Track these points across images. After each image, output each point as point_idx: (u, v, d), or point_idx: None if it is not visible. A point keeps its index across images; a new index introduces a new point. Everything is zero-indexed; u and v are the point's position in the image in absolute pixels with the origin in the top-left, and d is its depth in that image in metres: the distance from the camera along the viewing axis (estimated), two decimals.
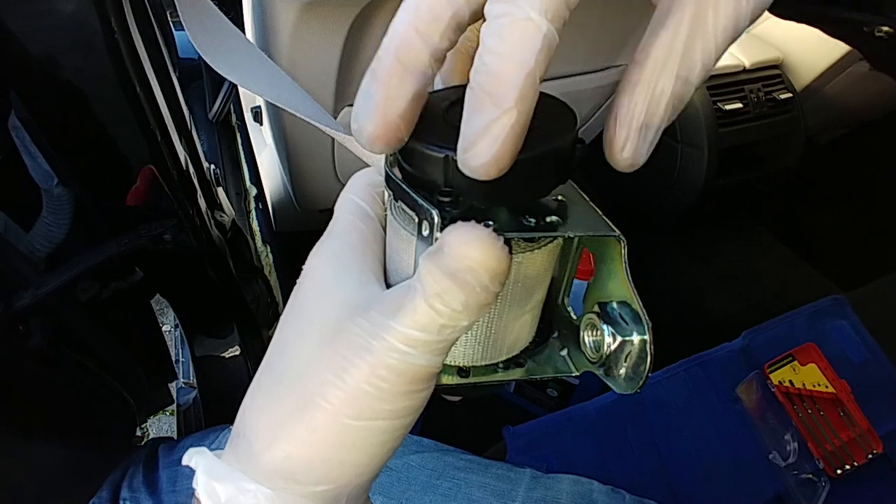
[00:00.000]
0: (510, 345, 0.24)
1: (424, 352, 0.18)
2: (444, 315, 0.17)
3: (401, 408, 0.18)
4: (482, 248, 0.17)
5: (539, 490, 0.49)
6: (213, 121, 1.30)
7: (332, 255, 0.21)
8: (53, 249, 0.57)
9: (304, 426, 0.18)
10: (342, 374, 0.18)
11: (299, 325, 0.19)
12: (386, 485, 0.48)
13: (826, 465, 0.69)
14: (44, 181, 0.53)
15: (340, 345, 0.18)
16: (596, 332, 0.23)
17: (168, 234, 0.58)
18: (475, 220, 0.18)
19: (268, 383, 0.19)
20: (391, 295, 0.18)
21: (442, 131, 0.19)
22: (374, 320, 0.18)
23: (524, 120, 0.16)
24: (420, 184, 0.19)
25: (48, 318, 0.54)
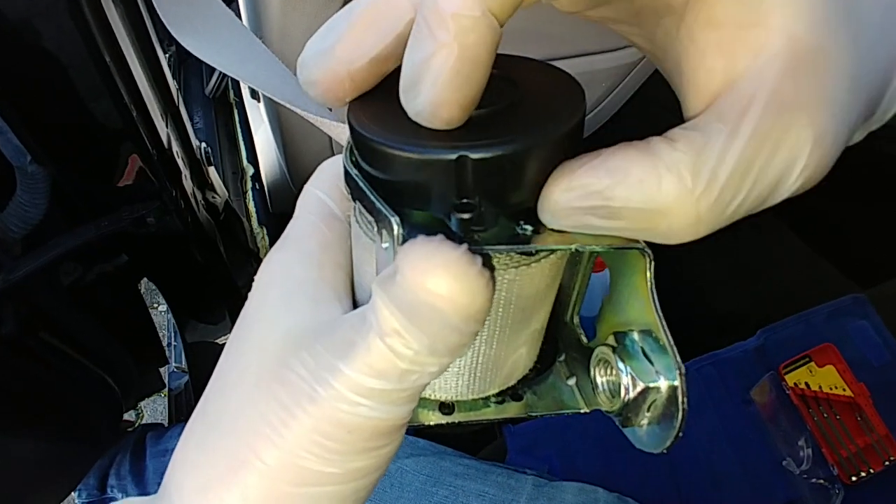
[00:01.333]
0: (505, 375, 0.20)
1: (382, 403, 0.14)
2: (405, 359, 0.13)
3: (354, 469, 0.14)
4: (448, 280, 0.12)
5: (541, 500, 0.46)
6: (209, 97, 1.25)
7: (283, 267, 0.17)
8: (30, 231, 0.54)
9: (234, 493, 0.14)
10: (280, 427, 0.14)
11: (238, 358, 0.16)
12: (378, 491, 0.45)
13: (841, 472, 0.67)
14: (15, 158, 0.50)
15: (280, 389, 0.14)
16: (610, 372, 0.18)
17: (151, 217, 0.55)
18: (445, 233, 0.14)
19: (200, 431, 0.16)
20: (344, 326, 0.14)
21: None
22: (320, 359, 0.14)
23: (470, 60, 0.13)
24: (410, 199, 0.15)
25: (23, 303, 0.51)
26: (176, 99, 0.61)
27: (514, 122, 0.15)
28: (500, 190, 0.14)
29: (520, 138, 0.14)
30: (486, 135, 0.14)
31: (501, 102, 0.15)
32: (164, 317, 1.10)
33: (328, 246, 0.17)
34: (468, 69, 0.13)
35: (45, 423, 0.55)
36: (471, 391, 0.20)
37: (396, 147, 0.14)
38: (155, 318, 1.22)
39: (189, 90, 1.27)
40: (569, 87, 0.16)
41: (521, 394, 0.20)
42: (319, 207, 0.18)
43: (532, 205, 0.15)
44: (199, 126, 1.18)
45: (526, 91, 0.16)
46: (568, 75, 0.17)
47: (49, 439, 0.56)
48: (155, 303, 1.27)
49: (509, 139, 0.14)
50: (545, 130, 0.14)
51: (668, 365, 0.16)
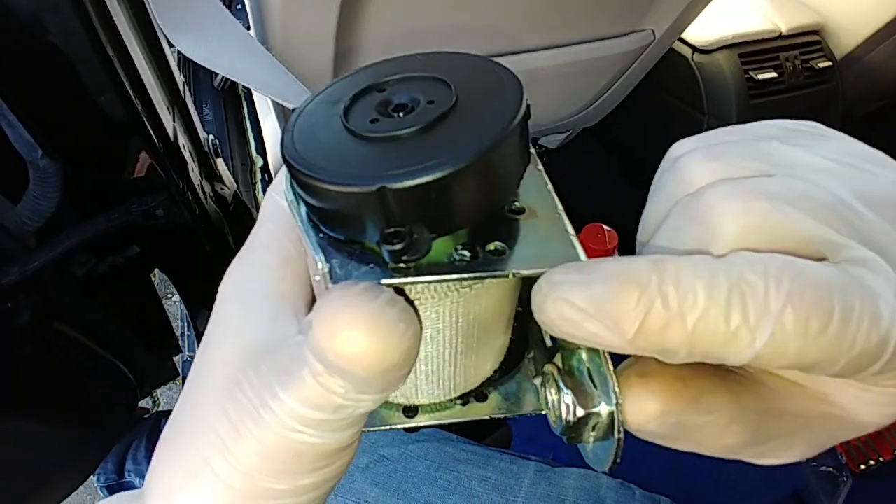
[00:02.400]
0: (468, 381, 0.20)
1: (323, 430, 0.14)
2: (338, 395, 0.14)
3: (304, 485, 0.15)
4: (356, 339, 0.12)
5: (543, 485, 0.46)
6: (218, 89, 1.26)
7: (242, 279, 0.17)
8: (43, 224, 0.56)
9: (195, 499, 0.15)
10: (230, 444, 0.14)
11: (199, 371, 0.16)
12: (382, 475, 0.46)
13: (849, 460, 0.66)
14: (27, 152, 0.51)
15: (230, 406, 0.15)
16: (555, 391, 0.17)
17: (160, 210, 0.56)
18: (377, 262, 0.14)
19: (170, 437, 0.16)
20: (287, 350, 0.14)
21: (353, 147, 0.15)
22: (264, 382, 0.14)
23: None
24: (342, 228, 0.15)
25: (38, 294, 0.52)
26: (182, 92, 0.62)
27: (445, 138, 0.14)
28: (431, 216, 0.14)
29: (443, 163, 0.13)
30: (411, 159, 0.14)
31: (431, 115, 0.15)
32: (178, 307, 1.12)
33: (288, 258, 0.17)
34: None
35: (63, 410, 0.57)
36: (433, 396, 0.20)
37: (319, 179, 0.14)
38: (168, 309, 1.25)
39: (198, 82, 1.27)
40: (507, 88, 0.16)
41: (486, 394, 0.20)
42: (280, 217, 0.17)
43: (470, 226, 0.15)
44: (208, 118, 1.19)
45: (462, 97, 0.15)
46: (509, 73, 0.16)
47: (66, 426, 0.57)
48: (169, 293, 1.29)
49: (432, 165, 0.13)
50: (472, 150, 0.14)
51: (608, 390, 0.16)
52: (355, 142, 0.15)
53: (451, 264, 0.15)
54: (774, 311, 0.12)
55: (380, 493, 0.45)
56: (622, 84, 0.90)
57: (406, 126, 0.15)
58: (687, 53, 1.03)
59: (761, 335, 0.13)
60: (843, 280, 0.13)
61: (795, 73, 1.07)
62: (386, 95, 0.16)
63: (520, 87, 0.16)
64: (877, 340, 0.13)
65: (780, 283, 0.13)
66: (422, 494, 0.45)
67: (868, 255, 0.13)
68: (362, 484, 0.45)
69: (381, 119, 0.16)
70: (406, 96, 0.16)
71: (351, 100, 0.16)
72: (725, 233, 0.14)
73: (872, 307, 0.13)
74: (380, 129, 0.15)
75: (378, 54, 0.61)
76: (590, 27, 0.75)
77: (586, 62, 0.79)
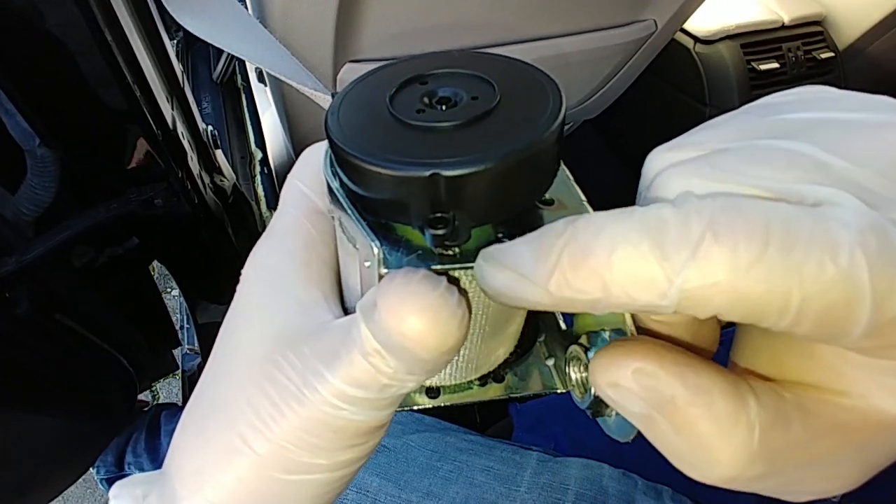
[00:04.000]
0: (487, 364, 0.21)
1: (364, 408, 0.15)
2: (385, 375, 0.14)
3: (340, 461, 0.16)
4: (421, 325, 0.13)
5: (546, 475, 0.46)
6: (217, 81, 1.25)
7: (268, 264, 0.17)
8: (42, 214, 0.55)
9: (229, 475, 0.15)
10: (269, 422, 0.15)
11: (228, 352, 0.16)
12: (384, 465, 0.46)
13: None
14: (25, 141, 0.50)
15: (269, 386, 0.15)
16: (581, 368, 0.19)
17: (159, 199, 0.55)
18: (434, 262, 0.14)
19: (198, 417, 0.17)
20: (330, 333, 0.15)
21: (402, 134, 0.15)
22: (308, 364, 0.15)
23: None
24: (387, 211, 0.15)
25: (36, 285, 0.52)
26: (181, 81, 0.61)
27: (490, 132, 0.15)
28: (475, 204, 0.15)
29: (494, 155, 0.14)
30: (460, 149, 0.15)
31: (478, 110, 0.16)
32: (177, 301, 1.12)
33: (312, 244, 0.17)
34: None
35: (62, 402, 0.57)
36: (456, 378, 0.21)
37: (371, 163, 0.15)
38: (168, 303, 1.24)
39: (197, 75, 1.27)
40: (547, 89, 0.16)
41: (502, 375, 0.21)
42: (303, 202, 0.18)
43: (511, 215, 0.16)
44: (207, 111, 1.19)
45: (503, 95, 0.16)
46: (546, 75, 0.17)
47: (66, 417, 0.57)
48: (168, 287, 1.29)
49: (483, 156, 0.14)
50: (521, 145, 0.15)
51: None
52: (403, 129, 0.16)
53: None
54: (693, 240, 0.11)
55: (381, 483, 0.45)
56: (624, 75, 0.89)
57: (454, 118, 0.16)
58: (689, 44, 1.03)
59: (681, 270, 0.11)
60: (789, 210, 0.11)
61: (798, 64, 1.06)
62: (430, 88, 0.17)
63: (558, 89, 0.16)
64: (833, 274, 0.10)
65: (702, 212, 0.11)
66: (423, 484, 0.45)
67: (831, 191, 0.11)
68: (363, 474, 0.45)
69: (427, 110, 0.16)
70: (450, 91, 0.17)
71: (395, 89, 0.17)
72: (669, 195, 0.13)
73: (824, 234, 0.11)
74: (427, 119, 0.16)
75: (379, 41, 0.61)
76: (591, 17, 0.75)
77: (587, 52, 0.79)
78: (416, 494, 0.44)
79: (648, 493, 0.48)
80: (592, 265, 0.12)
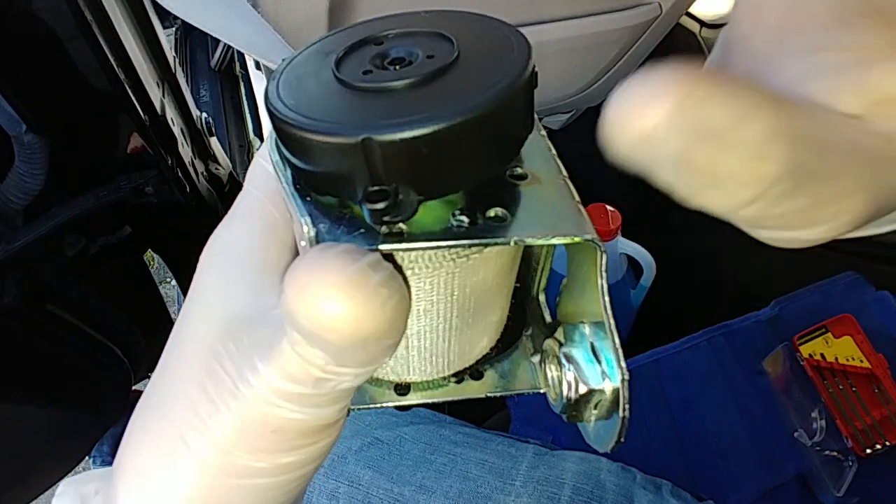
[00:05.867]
0: (462, 358, 0.19)
1: (303, 406, 0.13)
2: (317, 367, 0.12)
3: (283, 464, 0.14)
4: (329, 309, 0.11)
5: (542, 468, 0.45)
6: (215, 69, 1.24)
7: (224, 248, 0.16)
8: (30, 202, 0.54)
9: (171, 476, 0.14)
10: (206, 420, 0.14)
11: (177, 343, 0.15)
12: (376, 458, 0.45)
13: (855, 444, 0.65)
14: (11, 127, 0.50)
15: (208, 380, 0.14)
16: (555, 367, 0.17)
17: (149, 187, 0.54)
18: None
19: (144, 411, 0.16)
20: (268, 322, 0.14)
21: (342, 97, 0.14)
22: (245, 355, 0.13)
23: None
24: (325, 184, 0.14)
25: (26, 273, 0.51)
26: (173, 67, 0.60)
27: (442, 93, 0.13)
28: (420, 175, 0.13)
29: (437, 117, 0.12)
30: (402, 112, 0.13)
31: (429, 68, 0.14)
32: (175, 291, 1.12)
33: (274, 226, 0.16)
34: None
35: (56, 392, 0.56)
36: (425, 373, 0.19)
37: (302, 128, 0.13)
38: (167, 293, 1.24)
39: (195, 62, 1.25)
40: (515, 47, 0.14)
41: (481, 371, 0.19)
42: (266, 182, 0.16)
43: (464, 190, 0.14)
44: (205, 99, 1.17)
45: (464, 52, 0.14)
46: (518, 33, 0.15)
47: (60, 407, 0.57)
48: (167, 277, 1.29)
49: (425, 118, 0.12)
50: (470, 105, 0.12)
51: (612, 366, 0.15)
52: (345, 92, 0.14)
53: (448, 231, 0.13)
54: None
55: (373, 476, 0.44)
56: (627, 60, 0.87)
57: (401, 78, 0.14)
58: (695, 28, 1.00)
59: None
60: None
61: None
62: (383, 48, 0.16)
63: (528, 46, 0.15)
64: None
65: None
66: (416, 477, 0.44)
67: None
68: (355, 467, 0.45)
69: (375, 71, 0.15)
70: (404, 50, 0.15)
71: (344, 51, 0.15)
72: None
73: None
74: (372, 80, 0.14)
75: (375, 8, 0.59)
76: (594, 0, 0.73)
77: (590, 36, 0.77)
78: (409, 488, 0.44)
79: (647, 488, 0.47)
80: None
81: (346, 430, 0.50)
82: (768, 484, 0.62)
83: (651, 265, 0.80)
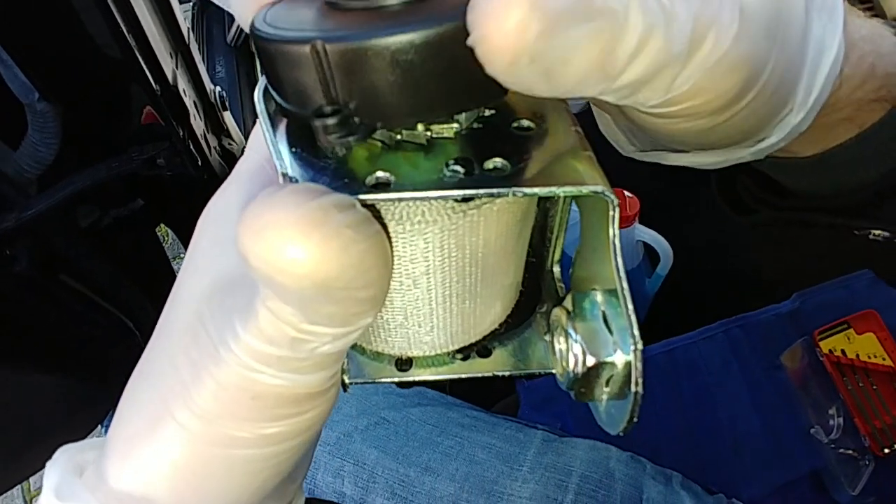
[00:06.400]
0: (468, 331, 0.17)
1: (282, 370, 0.12)
2: (290, 325, 0.12)
3: (268, 435, 0.13)
4: (278, 246, 0.10)
5: (550, 455, 0.44)
6: (231, 45, 1.23)
7: (221, 211, 0.15)
8: (44, 171, 0.54)
9: (156, 445, 0.14)
10: (190, 387, 0.13)
11: (170, 307, 0.15)
12: (383, 438, 0.45)
13: (872, 443, 0.63)
14: (24, 95, 0.49)
15: (191, 345, 0.13)
16: (562, 339, 0.15)
17: (161, 159, 0.54)
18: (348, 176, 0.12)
19: (136, 380, 0.15)
20: (249, 283, 0.13)
21: (317, 15, 0.13)
22: (226, 318, 0.13)
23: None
24: (294, 103, 0.13)
25: (38, 242, 0.51)
26: (186, 38, 0.59)
27: (418, 14, 0.12)
28: (377, 95, 0.12)
29: (399, 30, 0.11)
30: (369, 26, 0.12)
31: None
32: None
33: (271, 187, 0.15)
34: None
35: (68, 361, 0.57)
36: (427, 347, 0.17)
37: (266, 37, 0.12)
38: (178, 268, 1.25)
39: (211, 38, 1.25)
40: None
41: (489, 349, 0.18)
42: (264, 145, 0.16)
43: (423, 121, 0.13)
44: (220, 74, 1.17)
45: None
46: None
47: (70, 377, 0.57)
48: (181, 253, 1.30)
49: (385, 31, 0.11)
50: (443, 20, 0.11)
51: (625, 336, 0.13)
52: (326, 11, 0.13)
53: (440, 181, 0.12)
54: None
55: (379, 456, 0.44)
56: None
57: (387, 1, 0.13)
58: None
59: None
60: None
61: None
62: None
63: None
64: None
65: None
66: (422, 459, 0.44)
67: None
68: (361, 446, 0.44)
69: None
70: None
71: None
72: None
73: None
74: (358, 2, 0.13)
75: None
76: None
77: None
78: (415, 469, 0.43)
79: (657, 478, 0.46)
80: None
81: (352, 408, 0.50)
82: (781, 479, 0.61)
83: (668, 253, 0.78)
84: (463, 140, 0.13)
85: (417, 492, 0.42)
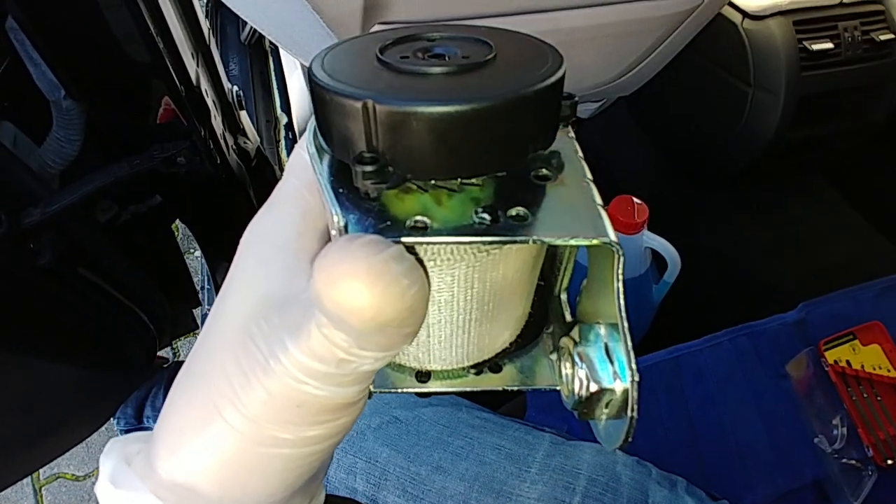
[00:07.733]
0: (482, 351, 0.19)
1: (326, 384, 0.14)
2: (340, 349, 0.13)
3: (306, 437, 0.15)
4: (351, 293, 0.12)
5: (558, 458, 0.45)
6: (245, 43, 1.24)
7: (263, 231, 0.17)
8: (67, 167, 0.55)
9: (204, 440, 0.15)
10: (239, 391, 0.15)
11: (217, 317, 0.16)
12: (394, 436, 0.46)
13: (875, 454, 0.64)
14: (50, 92, 0.50)
15: (242, 355, 0.15)
16: (569, 364, 0.17)
17: (181, 157, 0.55)
18: (389, 225, 0.13)
19: (185, 378, 0.17)
20: (299, 303, 0.14)
21: (370, 71, 0.14)
22: (276, 334, 0.14)
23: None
24: (337, 146, 0.15)
25: (60, 236, 0.52)
26: (207, 38, 0.60)
27: (460, 85, 0.14)
28: (413, 152, 0.13)
29: (442, 101, 0.13)
30: (416, 90, 0.13)
31: (458, 63, 0.15)
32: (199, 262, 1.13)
33: (310, 214, 0.17)
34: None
35: (84, 352, 0.58)
36: (445, 363, 0.19)
37: (322, 86, 0.14)
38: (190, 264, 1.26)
39: (225, 36, 1.26)
40: (550, 58, 0.15)
41: (500, 365, 0.20)
42: (304, 171, 0.17)
43: (448, 177, 0.14)
44: (234, 73, 1.18)
45: (499, 57, 0.15)
46: (555, 51, 0.16)
47: (85, 367, 0.58)
48: (191, 248, 1.31)
49: (430, 99, 0.13)
50: (478, 94, 0.13)
51: (624, 368, 0.15)
52: (377, 69, 0.15)
53: (470, 227, 0.14)
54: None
55: (390, 454, 0.45)
56: (664, 50, 0.84)
57: (431, 66, 0.15)
58: (737, 19, 0.97)
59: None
60: None
61: (853, 45, 0.99)
62: (428, 45, 0.17)
63: (560, 59, 0.15)
64: None
65: None
66: (433, 458, 0.44)
67: None
68: (374, 444, 0.45)
69: (412, 58, 0.16)
70: (445, 49, 0.16)
71: (393, 41, 0.16)
72: None
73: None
74: (404, 63, 0.15)
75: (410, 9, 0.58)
76: None
77: (627, 24, 0.75)
78: (426, 468, 0.44)
79: (662, 483, 0.47)
80: None
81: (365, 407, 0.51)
82: (784, 488, 0.61)
83: (676, 260, 0.79)
84: (489, 186, 0.15)
85: (428, 490, 0.43)
